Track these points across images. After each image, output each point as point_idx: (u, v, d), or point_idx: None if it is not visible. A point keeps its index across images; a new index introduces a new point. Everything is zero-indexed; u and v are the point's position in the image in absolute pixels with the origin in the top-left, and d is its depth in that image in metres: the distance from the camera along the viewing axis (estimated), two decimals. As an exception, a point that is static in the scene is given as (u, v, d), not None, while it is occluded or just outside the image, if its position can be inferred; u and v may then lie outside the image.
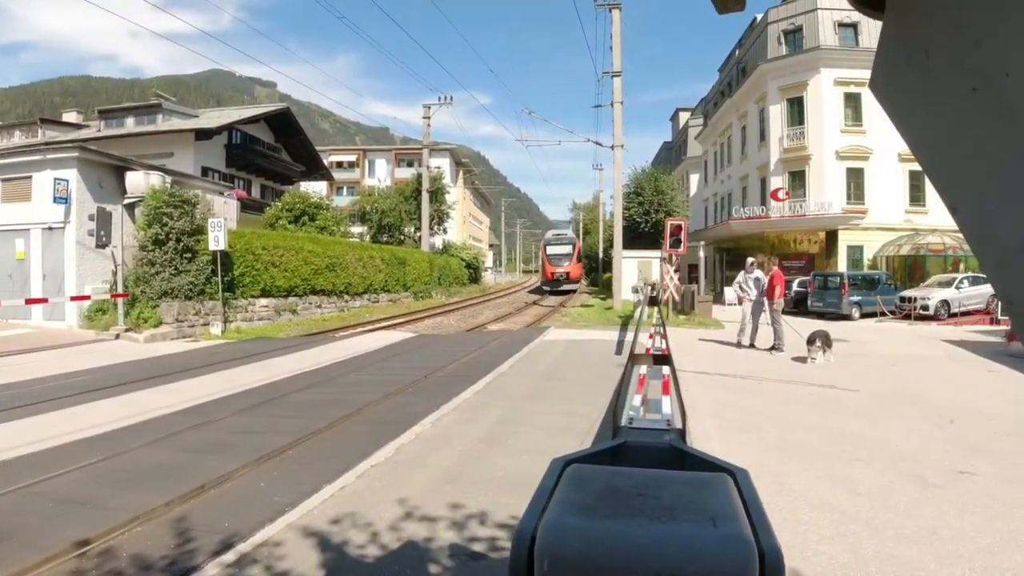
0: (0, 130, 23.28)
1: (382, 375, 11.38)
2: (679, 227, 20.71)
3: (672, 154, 67.71)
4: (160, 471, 5.87)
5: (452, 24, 39.40)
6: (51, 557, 4.02)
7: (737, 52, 44.75)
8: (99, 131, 35.55)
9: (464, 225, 70.01)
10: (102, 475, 5.78)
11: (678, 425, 1.61)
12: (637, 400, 2.07)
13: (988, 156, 0.53)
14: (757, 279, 14.52)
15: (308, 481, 5.48)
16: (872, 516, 4.70)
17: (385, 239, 41.02)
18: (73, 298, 16.19)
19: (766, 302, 14.34)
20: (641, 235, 35.15)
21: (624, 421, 1.67)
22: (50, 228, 16.97)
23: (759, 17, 39.11)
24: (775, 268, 14.38)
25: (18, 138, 21.19)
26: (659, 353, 2.33)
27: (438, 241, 46.51)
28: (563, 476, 1.14)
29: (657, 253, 25.13)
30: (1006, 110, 0.51)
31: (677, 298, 21.63)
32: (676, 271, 22.59)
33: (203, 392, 9.57)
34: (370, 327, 20.61)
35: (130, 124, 35.66)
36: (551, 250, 43.28)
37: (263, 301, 20.46)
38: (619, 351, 13.47)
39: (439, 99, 36.88)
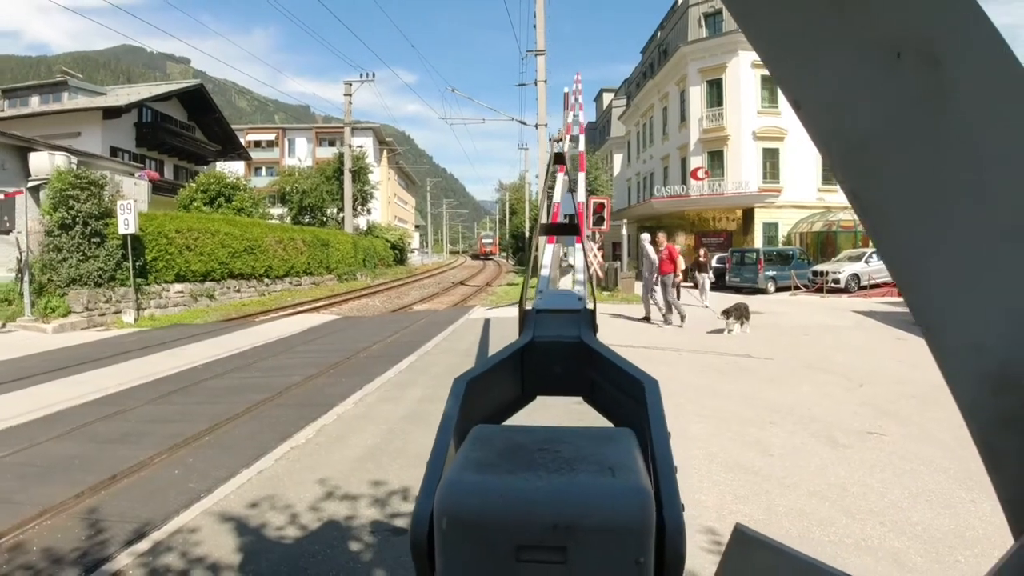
0: None
1: (304, 358, 11.13)
2: (602, 205, 20.95)
3: (596, 134, 68.38)
4: (69, 463, 5.59)
5: None
6: (-53, 555, 3.78)
7: (659, 34, 45.43)
8: (2, 111, 33.39)
9: (389, 206, 69.10)
10: (8, 470, 5.47)
11: (589, 305, 1.58)
12: (545, 271, 1.99)
13: (831, 45, 0.53)
14: (647, 255, 15.01)
15: (225, 466, 5.32)
16: (784, 476, 4.90)
17: (307, 220, 40.07)
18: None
19: (657, 277, 14.78)
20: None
21: (531, 305, 1.63)
22: None
23: (680, 0, 39.75)
24: (666, 244, 14.87)
25: None
26: (566, 221, 2.09)
27: (362, 222, 45.70)
28: (467, 437, 1.11)
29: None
30: None
31: (601, 275, 21.95)
32: (600, 248, 22.87)
33: (114, 382, 9.15)
34: (292, 310, 20.15)
35: (35, 103, 33.69)
36: (484, 240, 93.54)
37: (178, 287, 19.71)
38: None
39: (361, 76, 36.14)
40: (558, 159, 2.06)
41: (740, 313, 12.66)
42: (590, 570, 0.79)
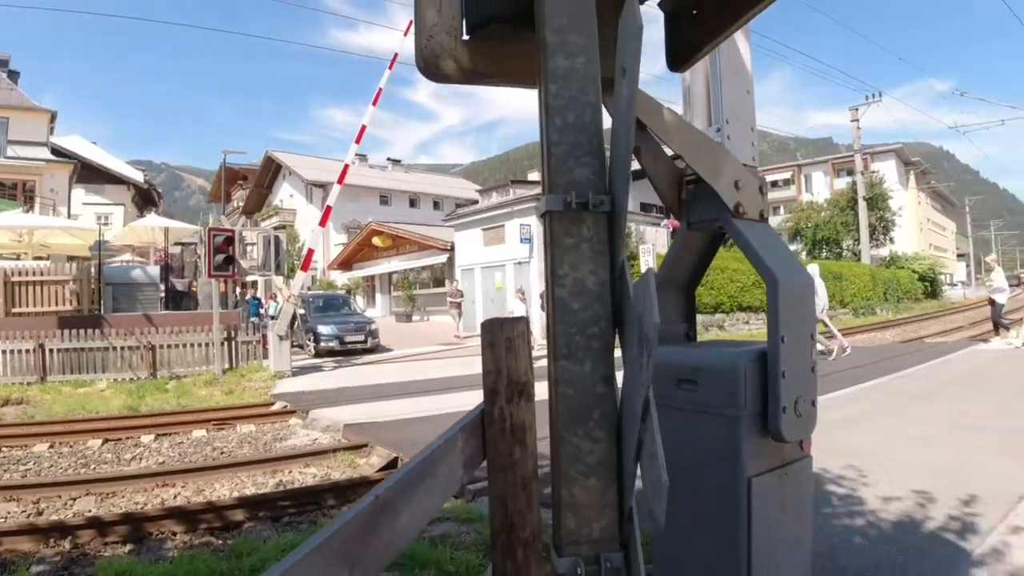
0: (482, 193, 30.56)
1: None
2: None
3: None
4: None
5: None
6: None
7: None
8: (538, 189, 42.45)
9: (921, 233, 62.78)
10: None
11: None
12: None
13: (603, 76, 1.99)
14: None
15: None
16: None
17: (824, 255, 39.81)
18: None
19: None
20: None
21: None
22: (519, 262, 21.73)
23: None
24: None
25: (495, 198, 27.66)
26: None
27: (884, 252, 42.97)
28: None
29: None
30: None
31: None
32: None
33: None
34: (791, 339, 20.91)
35: (561, 181, 41.78)
36: None
37: (682, 319, 22.42)
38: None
39: (866, 98, 34.76)
40: None
41: None
42: (708, 393, 2.30)
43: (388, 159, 56.48)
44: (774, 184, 61.74)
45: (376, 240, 35.15)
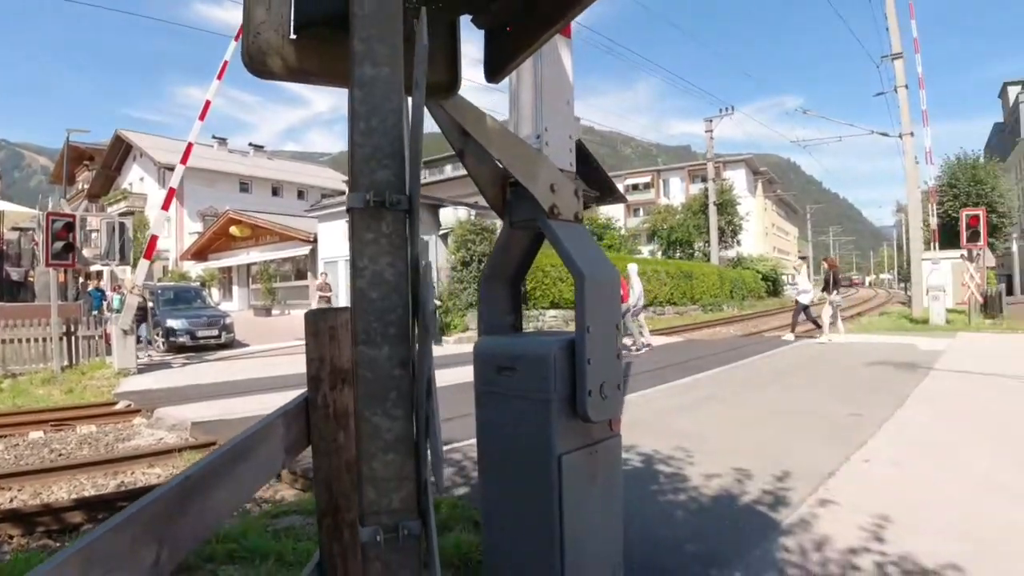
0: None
1: (635, 367, 12.84)
2: (976, 218, 19.03)
3: (1006, 136, 57.99)
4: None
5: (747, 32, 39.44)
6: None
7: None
8: (424, 179, 42.22)
9: (767, 237, 67.69)
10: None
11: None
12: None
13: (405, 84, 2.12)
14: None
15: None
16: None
17: (679, 255, 42.11)
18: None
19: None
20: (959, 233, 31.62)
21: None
22: (385, 257, 21.67)
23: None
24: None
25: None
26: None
27: (732, 254, 46.07)
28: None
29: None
30: None
31: (980, 299, 19.66)
32: (982, 269, 20.47)
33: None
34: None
35: (448, 170, 41.78)
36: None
37: (552, 312, 23.12)
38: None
39: (720, 111, 37.21)
40: None
41: None
42: (524, 379, 2.45)
43: (250, 144, 54.14)
44: (635, 187, 64.60)
45: (234, 229, 33.64)
